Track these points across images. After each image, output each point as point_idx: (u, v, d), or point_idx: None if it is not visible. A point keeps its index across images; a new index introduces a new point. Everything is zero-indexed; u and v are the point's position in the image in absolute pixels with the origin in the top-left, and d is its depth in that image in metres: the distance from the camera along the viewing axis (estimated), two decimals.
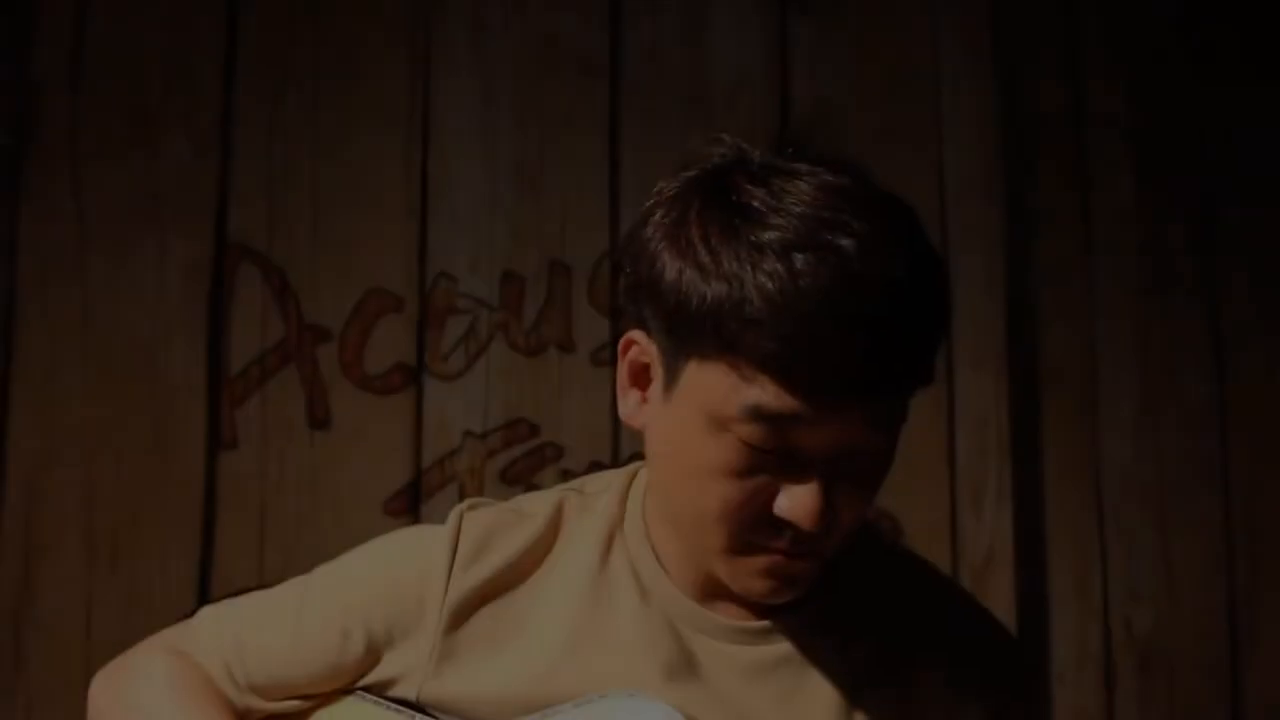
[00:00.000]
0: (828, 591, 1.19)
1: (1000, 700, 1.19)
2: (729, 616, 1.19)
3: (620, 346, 1.15)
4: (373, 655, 1.25)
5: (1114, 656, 2.43)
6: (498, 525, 1.25)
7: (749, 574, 1.12)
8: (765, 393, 1.03)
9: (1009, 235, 2.43)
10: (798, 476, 1.06)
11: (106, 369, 2.22)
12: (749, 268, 1.02)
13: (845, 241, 1.02)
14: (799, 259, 1.01)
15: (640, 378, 1.14)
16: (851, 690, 1.17)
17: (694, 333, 1.05)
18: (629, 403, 1.16)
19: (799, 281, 1.00)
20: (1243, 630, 2.47)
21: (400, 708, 1.24)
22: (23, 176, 2.24)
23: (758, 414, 1.03)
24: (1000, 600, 2.32)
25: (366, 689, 1.26)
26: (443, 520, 1.27)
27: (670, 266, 1.06)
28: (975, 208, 2.41)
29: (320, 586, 1.29)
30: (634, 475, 1.27)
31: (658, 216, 1.10)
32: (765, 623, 1.18)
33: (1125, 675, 2.43)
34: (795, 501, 1.06)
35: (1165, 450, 2.47)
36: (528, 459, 2.26)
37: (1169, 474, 2.47)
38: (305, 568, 1.32)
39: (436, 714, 1.23)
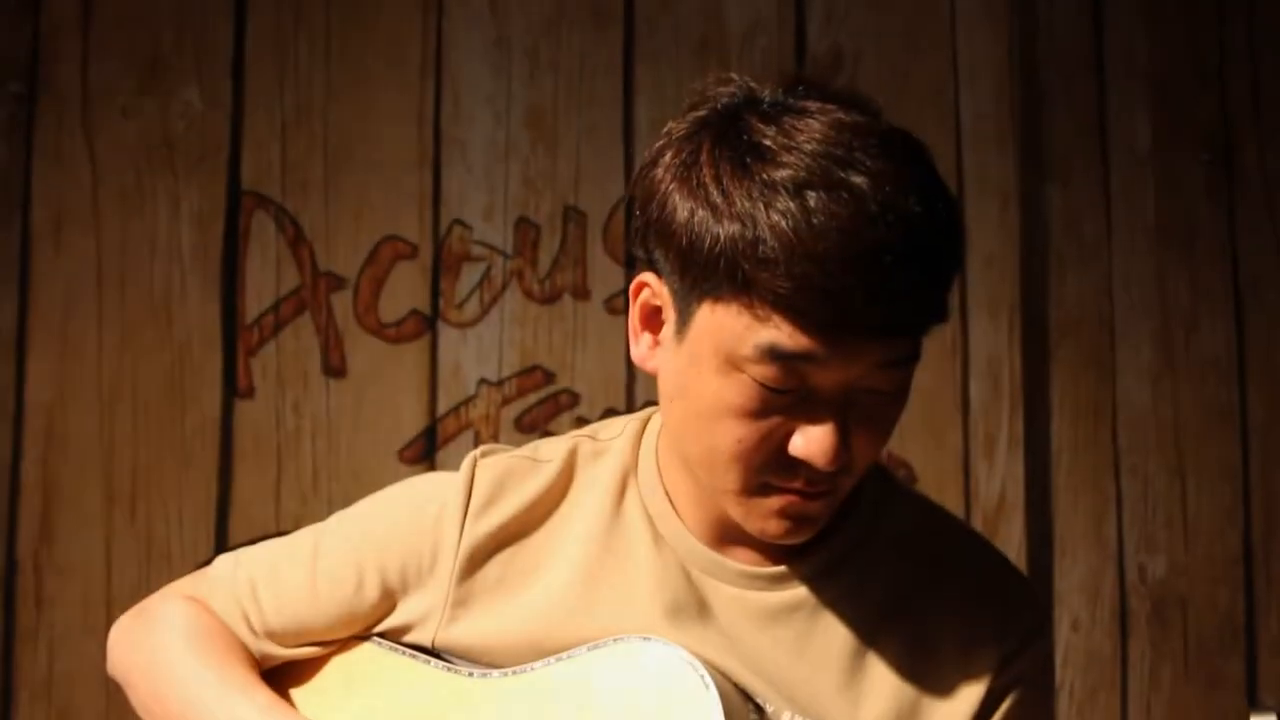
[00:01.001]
0: (841, 536, 1.20)
1: (1014, 642, 1.19)
2: (742, 562, 1.19)
3: (631, 289, 1.14)
4: (388, 602, 1.26)
5: (1128, 603, 2.44)
6: (511, 472, 1.25)
7: (763, 515, 1.12)
8: (780, 333, 1.02)
9: (1024, 182, 2.41)
10: (812, 416, 1.06)
11: (121, 318, 2.23)
12: (762, 207, 1.01)
13: (859, 179, 1.01)
14: (812, 197, 1.00)
15: (652, 320, 1.14)
16: (865, 635, 1.18)
17: (707, 274, 1.04)
18: (641, 346, 1.15)
19: (813, 220, 1.00)
20: (1258, 577, 2.48)
21: (416, 653, 1.25)
22: (35, 127, 2.24)
23: (772, 354, 1.03)
24: (1011, 546, 2.32)
25: (383, 635, 1.27)
26: (457, 467, 1.27)
27: (682, 207, 1.06)
28: (991, 154, 2.40)
29: (335, 534, 1.29)
30: (647, 420, 1.27)
31: (668, 158, 1.09)
32: (779, 568, 1.19)
33: (1139, 621, 2.44)
34: (810, 441, 1.06)
35: (1182, 397, 2.46)
36: (542, 406, 2.27)
37: (1185, 421, 2.46)
38: (321, 515, 1.33)
39: (452, 659, 1.24)
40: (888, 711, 1.16)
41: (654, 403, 1.26)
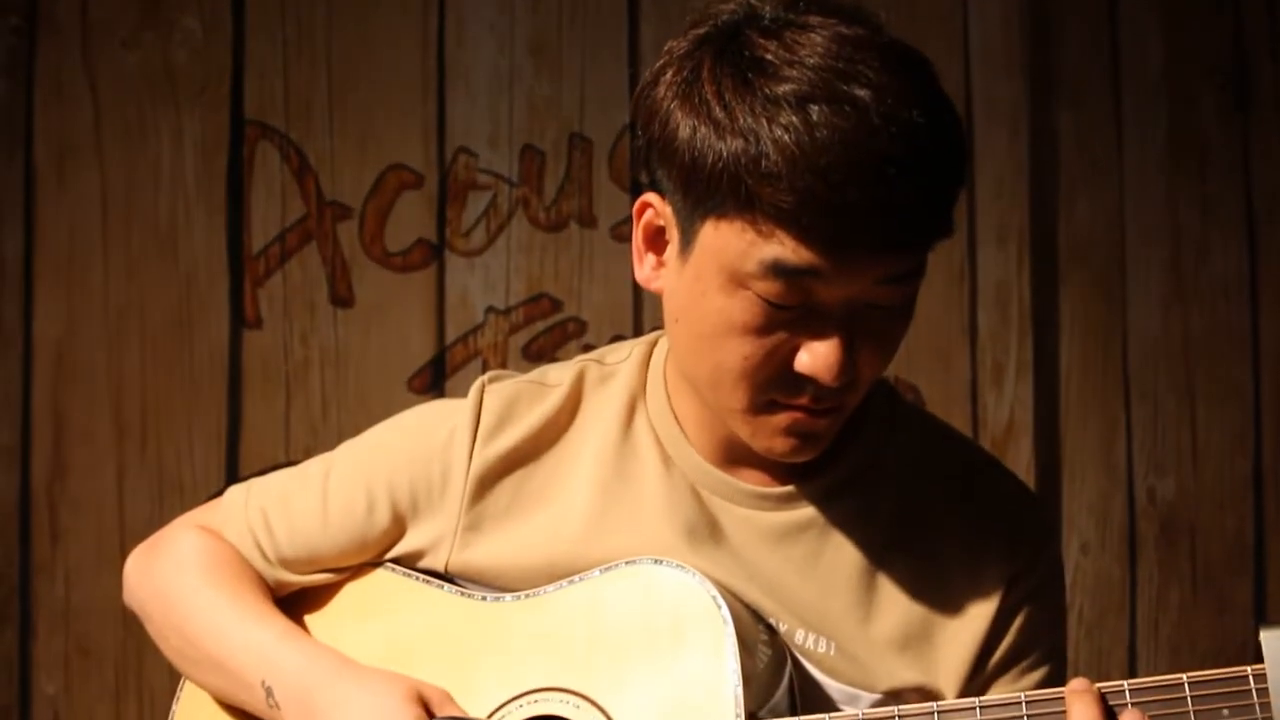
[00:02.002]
0: (850, 456, 1.20)
1: (1025, 559, 1.20)
2: (752, 482, 1.20)
3: (635, 210, 1.14)
4: (398, 527, 1.26)
5: (1137, 526, 2.44)
6: (519, 396, 1.25)
7: (770, 433, 1.12)
8: (784, 248, 1.02)
9: (1034, 106, 2.39)
10: (817, 332, 1.06)
11: (127, 251, 2.22)
12: (764, 122, 1.00)
13: (861, 92, 1.00)
14: (815, 111, 0.99)
15: (656, 241, 1.13)
16: (875, 553, 1.18)
17: (710, 191, 1.03)
18: (645, 267, 1.15)
19: (816, 133, 0.99)
20: (1268, 501, 2.48)
21: (430, 579, 1.25)
22: (35, 61, 2.22)
23: (777, 269, 1.02)
24: (1019, 471, 2.32)
25: (396, 561, 1.28)
26: (465, 394, 1.28)
27: (684, 124, 1.05)
28: (999, 78, 2.37)
29: (345, 461, 1.30)
30: (654, 344, 1.27)
31: (669, 75, 1.08)
32: (788, 488, 1.19)
33: (1147, 545, 2.44)
34: (816, 357, 1.06)
35: (1192, 322, 2.45)
36: (550, 334, 2.27)
37: (1196, 346, 2.46)
38: (331, 445, 1.33)
39: (465, 584, 1.24)
40: (899, 628, 1.17)
41: (661, 328, 1.26)
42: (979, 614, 1.17)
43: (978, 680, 1.18)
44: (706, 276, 1.07)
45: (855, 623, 1.17)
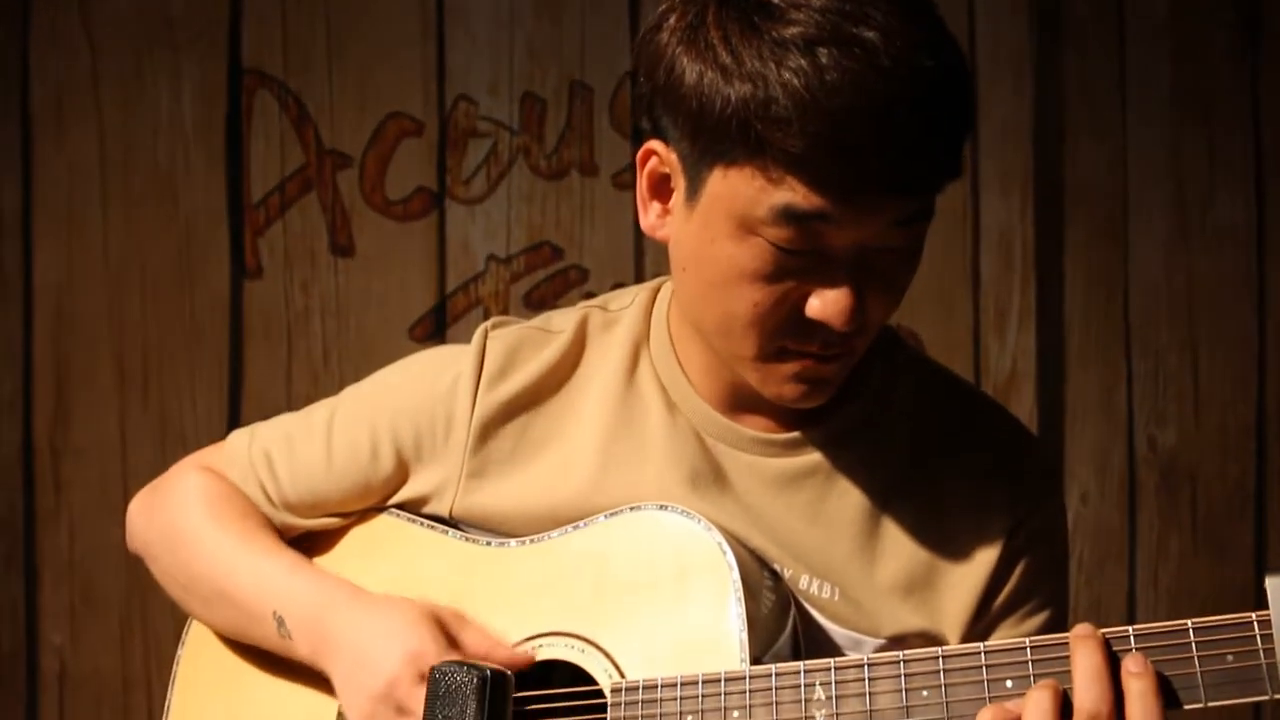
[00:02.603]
0: (855, 402, 1.20)
1: (1028, 504, 1.20)
2: (756, 429, 1.20)
3: (638, 158, 1.12)
4: (402, 472, 1.27)
5: (1137, 474, 2.45)
6: (522, 342, 1.25)
7: (780, 380, 1.12)
8: (795, 193, 1.01)
9: (1038, 50, 2.37)
10: (828, 277, 1.05)
11: (126, 200, 2.21)
12: (773, 65, 0.99)
13: (869, 34, 0.99)
14: (824, 54, 0.98)
15: (660, 189, 1.12)
16: (879, 499, 1.18)
17: (717, 137, 1.02)
18: (650, 215, 1.14)
19: (825, 77, 0.98)
20: (1270, 449, 2.48)
21: (434, 524, 1.26)
22: (31, 8, 2.20)
23: (787, 215, 1.02)
24: (1021, 418, 2.32)
25: (400, 507, 1.28)
26: (468, 341, 1.27)
27: (690, 70, 1.03)
28: (1004, 23, 2.35)
29: (349, 406, 1.30)
30: (657, 290, 1.26)
31: (672, 20, 1.06)
32: (793, 434, 1.19)
33: (1148, 493, 2.45)
34: (827, 302, 1.05)
35: (1197, 268, 2.45)
36: (551, 282, 2.26)
37: (1200, 293, 2.45)
38: (333, 394, 1.34)
39: (470, 529, 1.25)
40: (903, 573, 1.17)
41: (662, 275, 1.25)
42: (983, 559, 1.18)
43: (981, 624, 1.18)
44: (715, 224, 1.06)
45: (859, 568, 1.17)
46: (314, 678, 1.23)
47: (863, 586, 1.17)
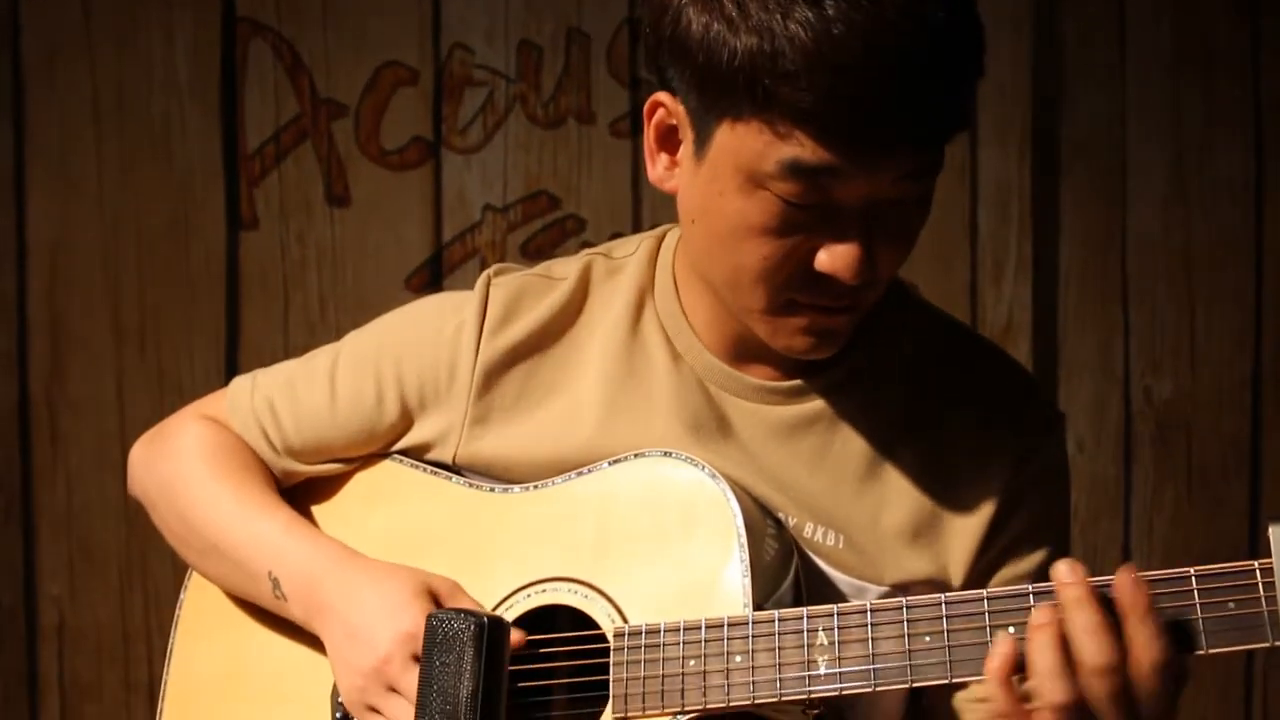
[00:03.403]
0: (857, 350, 1.19)
1: (1030, 442, 1.21)
2: (760, 377, 1.19)
3: (645, 110, 1.12)
4: (406, 419, 1.26)
5: (1133, 427, 2.45)
6: (526, 289, 1.25)
7: (790, 332, 1.12)
8: (803, 148, 1.00)
9: (1037, 2, 2.35)
10: (837, 231, 1.05)
11: (120, 153, 2.20)
12: (779, 18, 0.98)
13: None
14: (830, 6, 0.97)
15: (668, 141, 1.12)
16: (883, 445, 1.19)
17: (724, 91, 1.02)
18: (658, 167, 1.13)
19: (833, 29, 0.97)
20: (1267, 402, 2.48)
21: (438, 470, 1.26)
22: None
23: (795, 170, 1.01)
24: None
25: (404, 453, 1.28)
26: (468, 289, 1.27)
27: (696, 22, 1.02)
28: None
29: (352, 352, 1.29)
30: (661, 238, 1.26)
31: None
32: (796, 382, 1.19)
33: (1143, 445, 2.46)
34: (836, 256, 1.05)
35: (1195, 223, 2.44)
36: (548, 232, 2.25)
37: (1198, 246, 2.45)
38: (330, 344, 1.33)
39: (473, 476, 1.25)
40: (907, 519, 1.17)
41: (661, 224, 1.26)
42: (986, 500, 1.18)
43: (984, 564, 1.19)
44: (723, 178, 1.06)
45: (863, 515, 1.18)
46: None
47: (867, 532, 1.17)
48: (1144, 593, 0.97)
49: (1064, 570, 0.99)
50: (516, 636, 1.13)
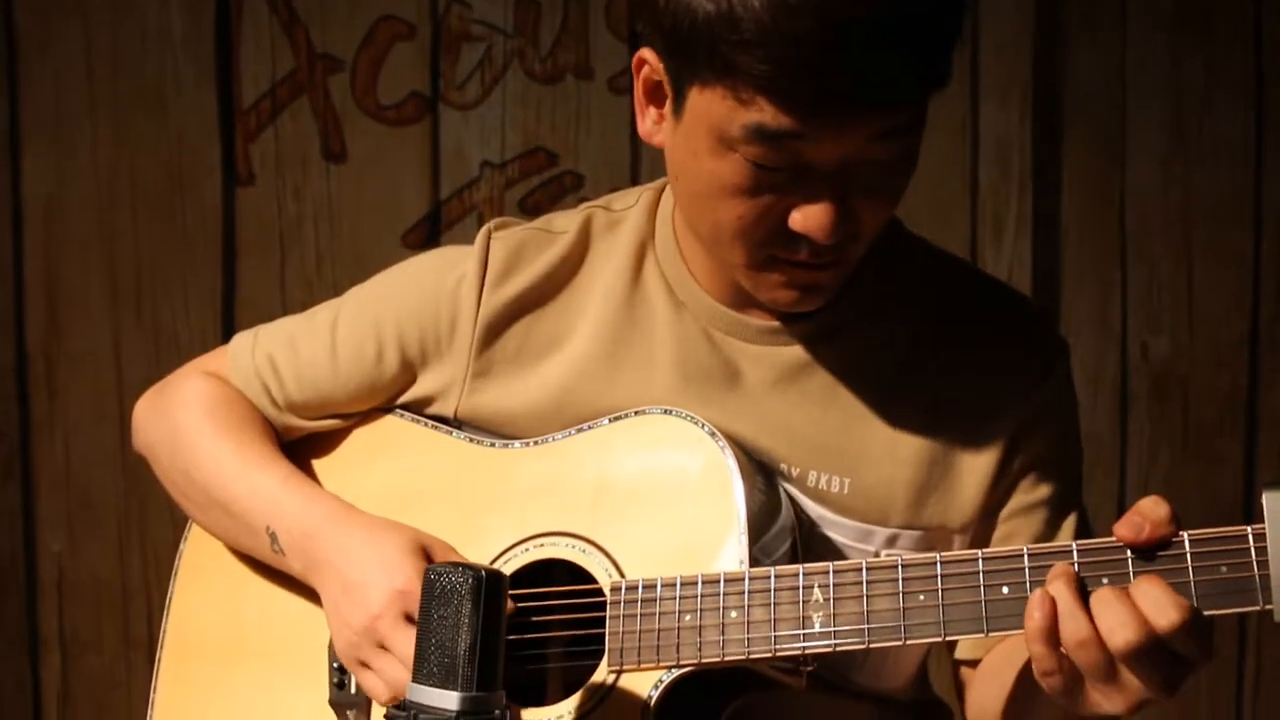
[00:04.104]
0: (859, 289, 1.19)
1: (1037, 370, 1.21)
2: (765, 319, 1.19)
3: (634, 64, 1.12)
4: (408, 374, 1.27)
5: (1129, 383, 2.46)
6: (526, 243, 1.25)
7: (772, 286, 1.12)
8: (764, 114, 1.00)
9: None
10: (809, 191, 1.05)
11: (115, 110, 2.18)
12: None
13: None
14: None
15: (655, 95, 1.12)
16: (890, 384, 1.19)
17: (690, 56, 1.02)
18: (647, 121, 1.14)
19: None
20: (1263, 360, 2.49)
21: (439, 424, 1.26)
22: None
23: (760, 135, 1.01)
24: None
25: (404, 408, 1.29)
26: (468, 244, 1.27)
27: None
28: None
29: (353, 307, 1.29)
30: (661, 190, 1.26)
31: None
32: (801, 324, 1.19)
33: (1139, 401, 2.46)
34: (808, 216, 1.05)
35: (1194, 181, 2.43)
36: (546, 188, 2.24)
37: (1197, 205, 2.44)
38: (327, 301, 1.33)
39: (474, 430, 1.25)
40: (920, 452, 1.18)
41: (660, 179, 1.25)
42: (997, 431, 1.18)
43: (997, 494, 1.19)
44: (696, 138, 1.06)
45: (874, 452, 1.18)
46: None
47: (875, 472, 1.18)
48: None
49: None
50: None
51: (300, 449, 1.31)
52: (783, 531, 1.15)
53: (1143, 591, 0.95)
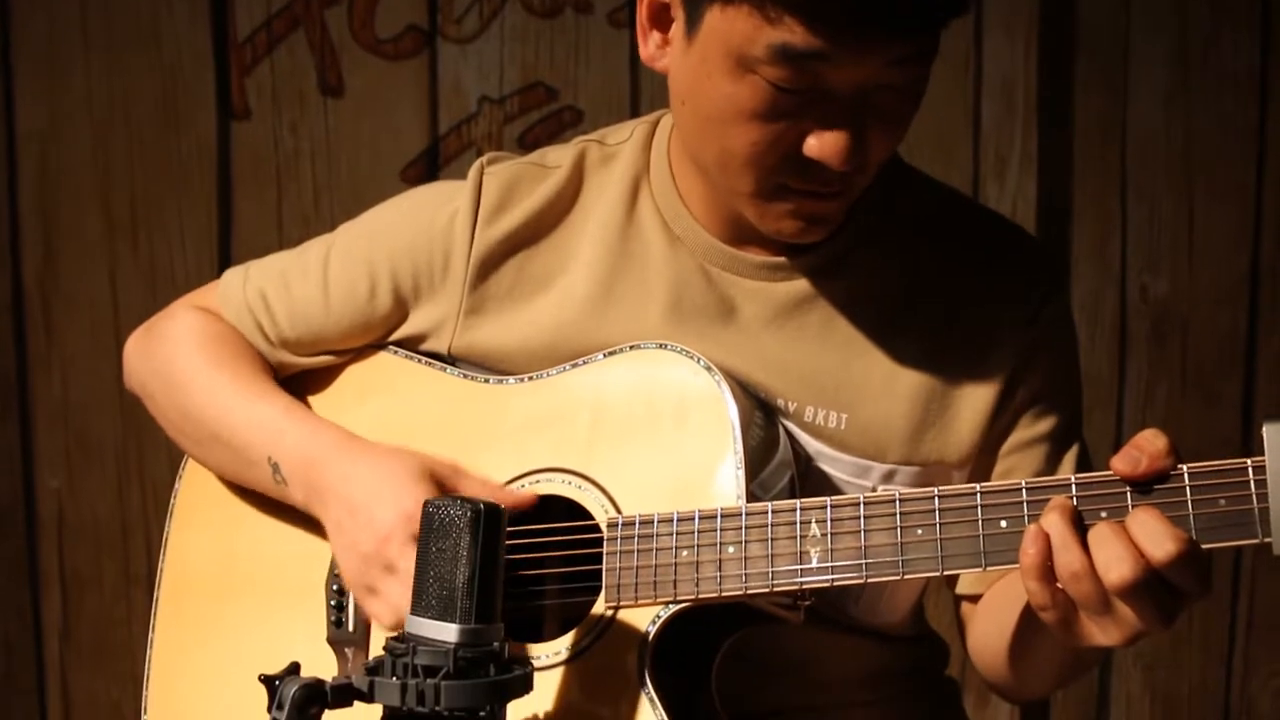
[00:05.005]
0: (858, 222, 1.19)
1: (1036, 302, 1.20)
2: (761, 255, 1.19)
3: None
4: (401, 310, 1.26)
5: (1128, 323, 2.45)
6: (519, 177, 1.24)
7: (778, 216, 1.11)
8: (793, 33, 0.99)
9: None
10: (827, 117, 1.04)
11: (108, 43, 2.16)
12: None
13: None
14: None
15: (660, 18, 1.10)
16: (890, 316, 1.18)
17: None
18: (650, 45, 1.12)
19: None
20: (1263, 299, 2.48)
21: (433, 361, 1.25)
22: None
23: (785, 55, 1.00)
24: None
25: (398, 345, 1.28)
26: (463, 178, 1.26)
27: None
28: None
29: (345, 243, 1.29)
30: (656, 123, 1.25)
31: None
32: (798, 258, 1.18)
33: (1138, 341, 2.46)
34: (825, 142, 1.04)
35: (1198, 118, 2.41)
36: (545, 124, 2.22)
37: (1200, 142, 2.42)
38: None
39: (468, 367, 1.24)
40: (917, 390, 1.17)
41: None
42: (997, 365, 1.18)
43: (997, 429, 1.19)
44: (712, 60, 1.04)
45: (871, 388, 1.18)
46: (311, 516, 1.23)
47: (872, 407, 1.17)
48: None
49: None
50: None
51: (294, 386, 1.30)
52: (781, 466, 1.15)
53: (1139, 523, 0.95)
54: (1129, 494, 0.99)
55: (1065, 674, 1.14)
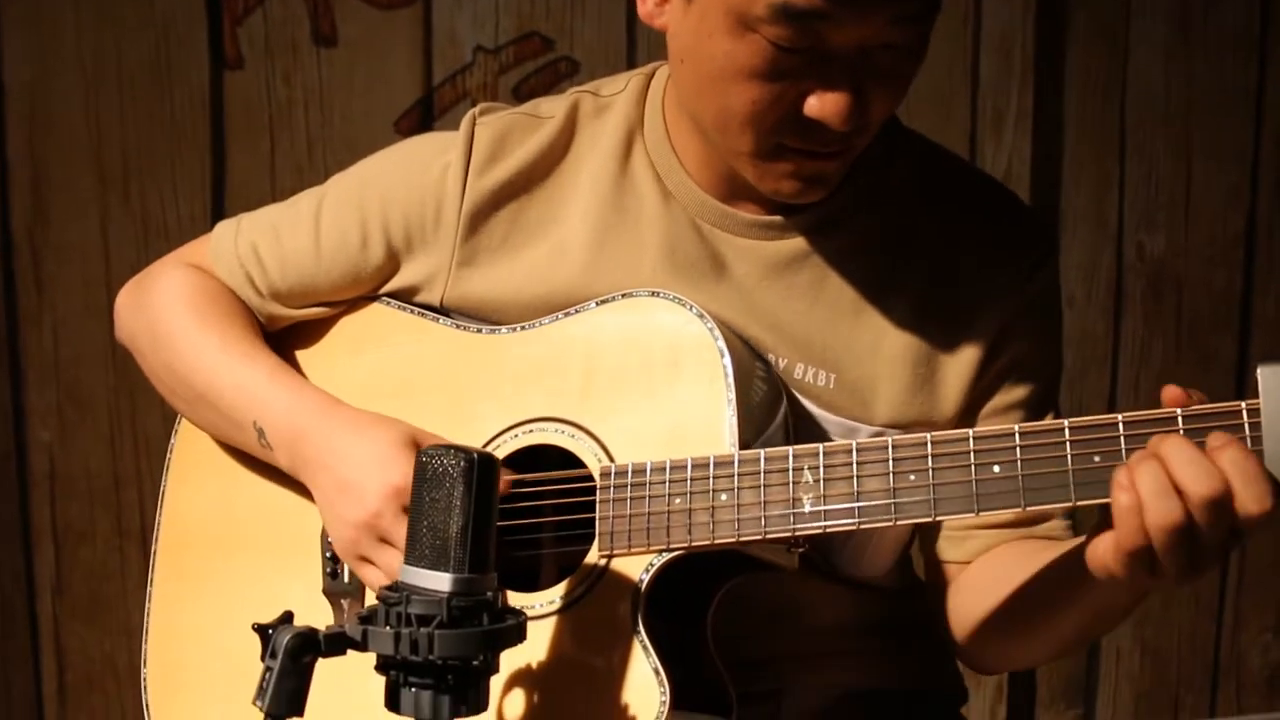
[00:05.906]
0: (851, 183, 1.18)
1: (1026, 269, 1.20)
2: (754, 213, 1.18)
3: None
4: (392, 262, 1.25)
5: (1124, 281, 2.45)
6: (512, 128, 1.23)
7: (777, 176, 1.11)
8: None
9: None
10: (827, 76, 1.03)
11: None
12: None
13: None
14: None
15: None
16: (879, 277, 1.18)
17: None
18: (649, 3, 1.11)
19: None
20: (1259, 258, 2.48)
21: (425, 312, 1.25)
22: None
23: (786, 13, 0.99)
24: None
25: (392, 296, 1.27)
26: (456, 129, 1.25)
27: None
28: None
29: (336, 194, 1.28)
30: (651, 75, 1.24)
31: None
32: (791, 217, 1.18)
33: (1133, 299, 2.46)
34: (826, 102, 1.04)
35: (1197, 76, 2.41)
36: (541, 74, 2.21)
37: (1198, 100, 2.41)
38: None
39: (461, 318, 1.24)
40: (905, 348, 1.17)
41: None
42: (983, 328, 1.18)
43: (977, 391, 1.19)
44: (713, 18, 1.04)
45: (859, 348, 1.17)
46: None
47: (861, 367, 1.17)
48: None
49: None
50: (504, 480, 1.14)
51: (287, 339, 1.30)
52: (776, 415, 1.15)
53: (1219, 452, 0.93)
54: (1122, 438, 0.99)
55: (1083, 635, 1.13)
